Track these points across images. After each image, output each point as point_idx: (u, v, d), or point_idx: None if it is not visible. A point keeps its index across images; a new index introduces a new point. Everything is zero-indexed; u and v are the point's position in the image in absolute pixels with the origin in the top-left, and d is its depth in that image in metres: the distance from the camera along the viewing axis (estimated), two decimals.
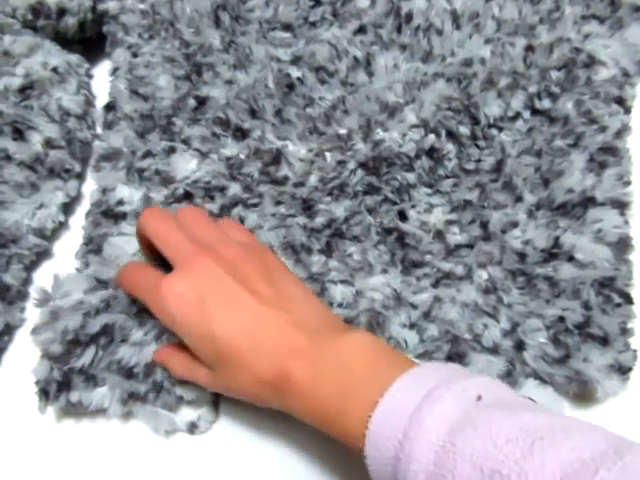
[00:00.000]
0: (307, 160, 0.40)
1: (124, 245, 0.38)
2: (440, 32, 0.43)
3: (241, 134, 0.41)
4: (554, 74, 0.41)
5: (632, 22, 0.42)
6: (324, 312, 0.33)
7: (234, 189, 0.39)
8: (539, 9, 0.42)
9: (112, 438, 0.37)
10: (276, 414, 0.33)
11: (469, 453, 0.23)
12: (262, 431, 0.37)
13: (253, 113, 0.41)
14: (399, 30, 0.43)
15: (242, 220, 0.39)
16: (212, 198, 0.39)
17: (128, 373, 0.35)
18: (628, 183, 0.39)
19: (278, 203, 0.39)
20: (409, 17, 0.43)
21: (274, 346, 0.30)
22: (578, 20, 0.42)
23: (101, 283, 0.37)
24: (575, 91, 0.41)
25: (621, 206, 0.38)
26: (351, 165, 0.40)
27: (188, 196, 0.40)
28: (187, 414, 0.37)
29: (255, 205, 0.39)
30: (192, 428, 0.36)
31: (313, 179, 0.40)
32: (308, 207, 0.39)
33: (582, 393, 0.35)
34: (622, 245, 0.37)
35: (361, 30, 0.43)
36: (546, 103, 0.40)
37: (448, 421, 0.24)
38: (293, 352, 0.30)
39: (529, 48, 0.41)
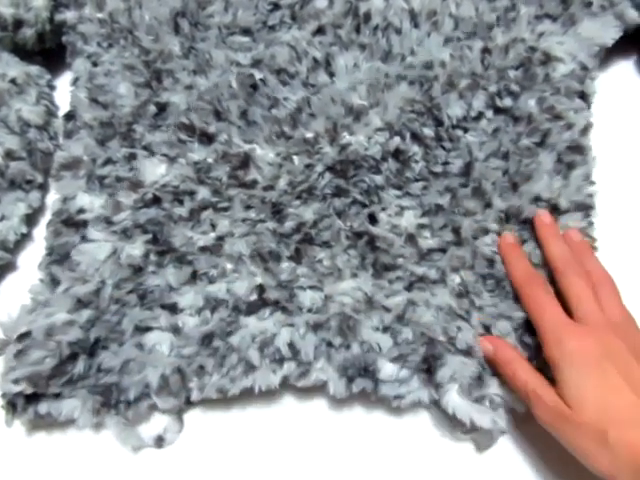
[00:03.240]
0: (275, 164, 0.40)
1: (93, 251, 0.38)
2: (399, 31, 0.43)
3: (207, 138, 0.41)
4: (512, 73, 0.41)
5: (584, 17, 0.43)
6: None
7: (203, 193, 0.39)
8: (495, 6, 0.43)
9: (84, 449, 0.37)
10: (238, 417, 0.33)
11: None
12: (230, 436, 0.37)
13: (218, 115, 0.41)
14: (358, 30, 0.43)
15: (213, 226, 0.39)
16: (181, 202, 0.39)
17: (102, 386, 0.35)
18: (592, 182, 0.40)
19: (248, 207, 0.39)
20: (367, 17, 0.43)
21: None
22: (532, 20, 0.43)
23: (81, 302, 0.37)
24: (535, 88, 0.41)
25: (585, 208, 0.39)
26: (319, 168, 0.40)
27: (157, 200, 0.39)
28: (153, 428, 0.37)
29: (225, 209, 0.39)
30: (159, 442, 0.37)
31: (282, 183, 0.40)
32: (278, 211, 0.39)
33: None
34: None
35: (320, 31, 0.44)
36: (507, 101, 0.41)
37: None
38: None
39: (485, 50, 0.42)
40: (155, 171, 0.40)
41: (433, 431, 0.37)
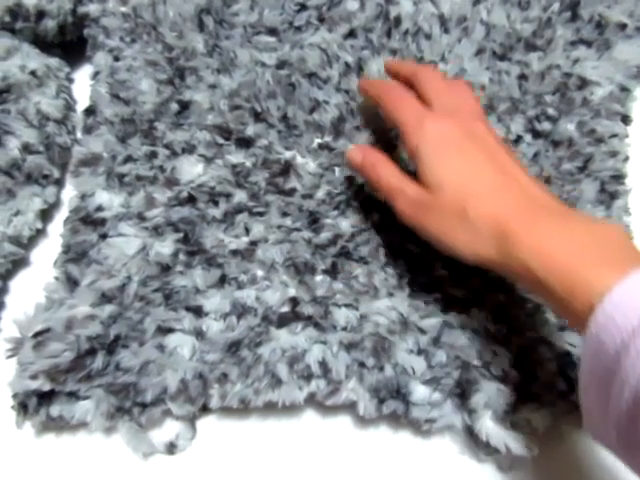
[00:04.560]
0: (317, 174, 0.39)
1: (123, 246, 0.37)
2: (429, 36, 0.42)
3: (245, 142, 0.40)
4: (549, 98, 0.41)
5: (618, 40, 0.42)
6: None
7: (240, 196, 0.39)
8: (528, 16, 0.42)
9: (93, 453, 0.36)
10: (256, 428, 0.32)
11: None
12: (242, 445, 0.36)
13: (256, 115, 0.40)
14: (389, 34, 0.43)
15: (247, 230, 0.38)
16: (216, 203, 0.39)
17: (119, 385, 0.34)
18: (629, 213, 0.40)
19: (284, 214, 0.38)
20: (398, 21, 0.43)
21: (523, 193, 0.30)
22: (567, 47, 0.43)
23: (105, 297, 0.36)
24: (574, 112, 0.41)
25: None
26: (359, 180, 0.39)
27: (191, 200, 0.39)
28: (165, 434, 0.36)
29: (261, 214, 0.38)
30: (171, 448, 0.36)
31: (321, 192, 0.39)
32: (314, 220, 0.38)
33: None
34: None
35: (351, 34, 0.43)
36: (546, 125, 0.41)
37: None
38: (542, 205, 0.29)
39: (522, 77, 0.42)
40: (192, 170, 0.39)
41: (459, 456, 0.36)
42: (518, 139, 0.40)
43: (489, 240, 0.29)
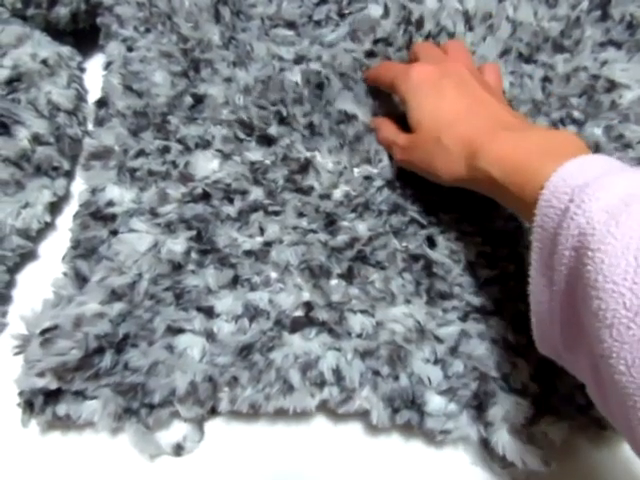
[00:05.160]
0: (335, 172, 0.39)
1: (134, 242, 0.36)
2: (452, 35, 0.41)
3: (266, 140, 0.39)
4: (575, 101, 0.40)
5: None
6: None
7: (256, 194, 0.38)
8: (557, 14, 0.41)
9: (99, 452, 0.36)
10: (265, 432, 0.31)
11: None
12: (250, 449, 0.36)
13: (281, 119, 0.40)
14: (409, 46, 0.42)
15: (262, 230, 0.37)
16: (231, 201, 0.38)
17: (127, 385, 0.33)
18: None
19: (301, 215, 0.38)
20: (420, 24, 0.42)
21: (486, 118, 0.33)
22: (596, 48, 0.41)
23: (115, 295, 0.35)
24: (601, 116, 0.40)
25: None
26: (378, 182, 0.38)
27: (206, 196, 0.38)
28: (173, 436, 0.35)
29: (276, 213, 0.38)
30: (178, 450, 0.35)
31: (339, 193, 0.38)
32: (331, 222, 0.37)
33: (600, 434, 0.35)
34: None
35: (371, 53, 0.42)
36: (571, 129, 0.40)
37: (625, 190, 0.24)
38: (502, 125, 0.32)
39: (546, 79, 0.41)
40: (207, 166, 0.38)
41: (471, 466, 0.35)
42: None
43: (460, 160, 0.32)
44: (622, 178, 0.24)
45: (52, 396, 0.34)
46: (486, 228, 0.37)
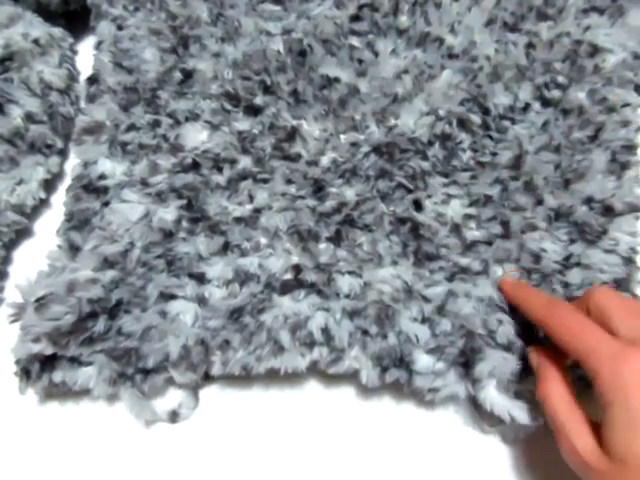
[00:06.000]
0: (322, 139, 0.39)
1: (126, 212, 0.37)
2: (438, 5, 0.41)
3: (253, 110, 0.40)
4: (558, 65, 0.40)
5: (631, 7, 0.41)
6: None
7: (244, 162, 0.38)
8: None
9: (97, 421, 0.36)
10: (258, 398, 0.32)
11: None
12: (245, 415, 0.36)
13: (266, 88, 0.40)
14: (395, 12, 0.42)
15: (251, 197, 0.37)
16: (220, 170, 0.38)
17: (121, 350, 0.34)
18: None
19: (289, 182, 0.38)
20: None
21: None
22: (579, 15, 0.41)
23: (107, 262, 0.36)
24: (585, 80, 0.40)
25: (636, 209, 0.38)
26: (364, 148, 0.39)
27: (196, 166, 0.38)
28: (168, 403, 0.36)
29: (265, 181, 0.38)
30: (173, 417, 0.36)
31: (326, 160, 0.38)
32: (319, 188, 0.38)
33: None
34: (633, 253, 0.37)
35: (357, 17, 0.42)
36: (555, 93, 0.40)
37: None
38: None
39: (530, 45, 0.41)
40: (196, 137, 0.39)
41: (463, 427, 0.36)
42: (526, 107, 0.40)
43: None
44: None
45: (48, 364, 0.34)
46: (471, 191, 0.38)
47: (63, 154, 0.42)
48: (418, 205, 0.37)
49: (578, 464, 0.27)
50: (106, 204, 0.37)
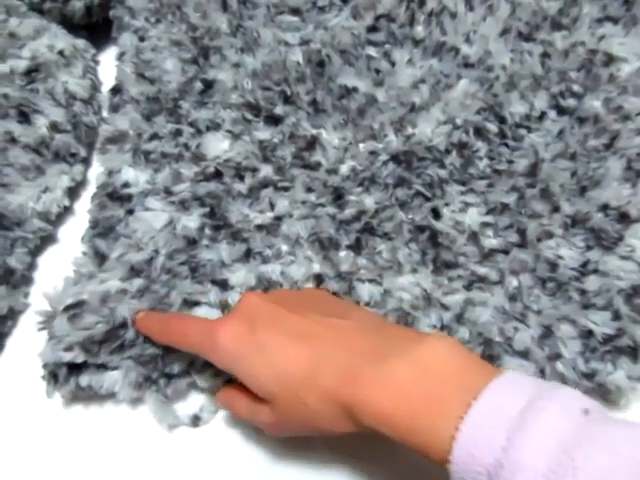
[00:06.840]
0: (341, 148, 0.40)
1: (150, 220, 0.38)
2: (454, 15, 0.42)
3: (273, 120, 0.41)
4: (573, 74, 0.41)
5: None
6: (390, 324, 0.32)
7: (265, 170, 0.39)
8: None
9: (120, 424, 0.37)
10: None
11: (593, 470, 0.21)
12: None
13: (286, 98, 0.41)
14: (412, 22, 0.43)
15: (272, 205, 0.38)
16: (242, 178, 0.39)
17: (148, 356, 0.35)
18: None
19: (309, 190, 0.39)
20: (422, 1, 0.43)
21: (336, 354, 0.28)
22: (593, 24, 0.42)
23: (134, 271, 0.36)
24: (600, 89, 0.41)
25: None
26: (383, 157, 0.39)
27: (218, 175, 0.39)
28: (190, 407, 0.36)
29: (286, 189, 0.39)
30: (195, 421, 0.36)
31: (345, 168, 0.39)
32: (338, 196, 0.39)
33: (604, 399, 0.35)
34: None
35: (374, 28, 0.43)
36: (571, 102, 0.41)
37: (556, 433, 0.22)
38: (359, 356, 0.28)
39: (545, 55, 0.42)
40: (218, 146, 0.40)
41: None
42: (542, 115, 0.40)
43: (340, 418, 0.28)
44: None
45: (75, 368, 0.35)
46: (488, 199, 0.38)
47: (86, 162, 0.43)
48: (436, 213, 0.38)
49: (259, 425, 0.32)
50: (130, 212, 0.38)
